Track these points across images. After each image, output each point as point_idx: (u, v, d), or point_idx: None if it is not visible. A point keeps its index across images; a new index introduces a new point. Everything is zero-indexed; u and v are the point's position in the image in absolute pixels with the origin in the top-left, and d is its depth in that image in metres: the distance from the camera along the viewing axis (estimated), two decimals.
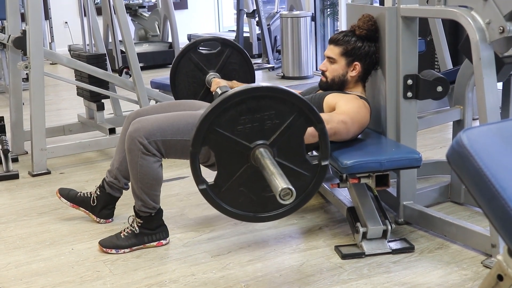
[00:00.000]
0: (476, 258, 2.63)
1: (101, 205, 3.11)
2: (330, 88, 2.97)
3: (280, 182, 1.96)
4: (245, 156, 2.19)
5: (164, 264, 2.71)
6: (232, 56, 3.44)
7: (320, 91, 3.04)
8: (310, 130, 2.26)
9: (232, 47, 3.47)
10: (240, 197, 2.26)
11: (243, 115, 2.14)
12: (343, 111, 2.74)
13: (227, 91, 2.98)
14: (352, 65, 2.92)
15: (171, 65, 3.55)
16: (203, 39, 3.51)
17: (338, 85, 2.95)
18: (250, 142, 2.17)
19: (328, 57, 2.96)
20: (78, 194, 3.15)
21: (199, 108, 3.03)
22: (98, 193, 3.11)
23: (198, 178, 2.21)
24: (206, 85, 3.40)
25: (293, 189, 1.94)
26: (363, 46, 2.91)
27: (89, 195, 3.13)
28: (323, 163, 2.24)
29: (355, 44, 2.91)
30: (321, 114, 2.67)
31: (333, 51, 2.95)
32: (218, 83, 3.24)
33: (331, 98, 2.85)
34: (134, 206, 2.83)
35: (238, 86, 3.21)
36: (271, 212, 2.30)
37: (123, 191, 3.10)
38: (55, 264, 2.76)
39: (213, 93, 3.21)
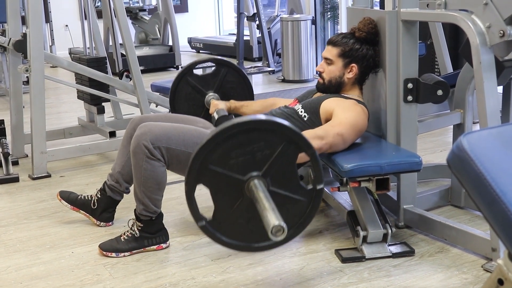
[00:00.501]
0: (477, 262, 2.62)
1: (101, 208, 3.11)
2: (327, 90, 2.97)
3: (271, 219, 1.96)
4: (240, 189, 2.19)
5: (164, 268, 2.71)
6: (228, 75, 3.46)
7: (317, 94, 3.04)
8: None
9: (227, 66, 3.49)
10: (239, 228, 2.26)
11: (233, 149, 2.15)
12: (340, 121, 2.73)
13: (224, 114, 3.01)
14: (349, 66, 2.92)
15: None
16: (197, 61, 3.52)
17: (335, 87, 2.95)
18: (243, 175, 2.17)
19: (326, 58, 2.96)
20: (79, 197, 3.15)
21: (203, 125, 3.03)
22: (99, 196, 3.11)
23: (197, 216, 2.21)
24: (206, 106, 3.41)
25: (284, 225, 1.94)
26: (361, 48, 2.91)
27: (89, 198, 3.13)
28: (318, 187, 2.24)
29: (353, 45, 2.91)
30: (316, 130, 2.71)
31: (330, 52, 2.95)
32: (215, 105, 3.23)
33: (328, 104, 2.84)
34: (135, 210, 2.83)
35: (233, 111, 3.25)
36: (271, 241, 2.28)
37: (124, 194, 3.10)
38: (55, 268, 2.76)
39: (211, 115, 3.21)
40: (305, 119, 2.85)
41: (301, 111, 2.89)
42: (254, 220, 2.16)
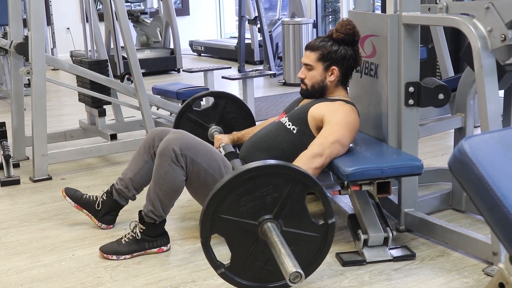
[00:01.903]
0: (478, 266, 2.62)
1: (105, 210, 3.11)
2: (311, 95, 2.97)
3: (289, 266, 2.01)
4: (254, 233, 2.25)
5: (165, 271, 2.71)
6: (227, 105, 3.50)
7: (303, 102, 3.04)
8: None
9: (225, 97, 3.53)
10: (258, 270, 2.31)
11: (242, 197, 2.20)
12: (332, 129, 2.74)
13: (230, 150, 3.06)
14: (329, 69, 2.92)
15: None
16: (196, 97, 3.55)
17: (319, 92, 2.95)
18: (255, 219, 2.23)
19: (306, 64, 2.96)
20: (84, 196, 3.15)
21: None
22: (105, 198, 3.11)
23: (215, 264, 2.28)
24: (210, 139, 3.43)
25: (301, 272, 1.98)
26: (339, 49, 2.91)
27: (94, 199, 3.14)
28: (330, 222, 2.30)
29: (331, 48, 2.91)
30: (313, 148, 2.74)
31: (309, 57, 2.95)
32: (219, 140, 3.25)
33: (315, 110, 2.85)
34: (140, 211, 2.83)
35: (237, 142, 3.29)
36: None
37: (130, 201, 3.11)
38: (56, 270, 2.76)
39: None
40: (294, 131, 2.86)
41: (289, 124, 2.90)
42: (272, 260, 2.20)
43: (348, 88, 3.05)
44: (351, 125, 2.78)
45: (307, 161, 2.68)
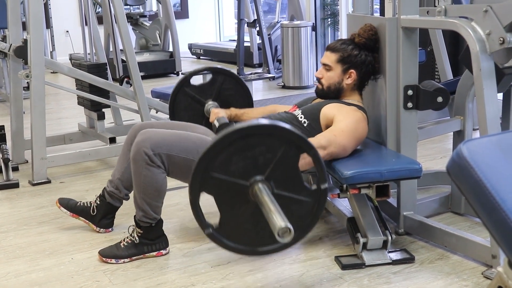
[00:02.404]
0: (477, 269, 2.62)
1: (101, 215, 3.11)
2: (326, 96, 2.97)
3: (278, 221, 1.97)
4: (245, 194, 2.20)
5: (164, 274, 2.71)
6: (225, 82, 3.46)
7: (316, 100, 3.04)
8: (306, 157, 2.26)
9: (223, 73, 3.48)
10: (246, 233, 2.27)
11: (234, 155, 2.15)
12: (342, 129, 2.73)
13: (225, 122, 3.01)
14: (347, 72, 2.92)
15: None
16: (193, 71, 3.52)
17: (334, 93, 2.95)
18: (247, 180, 2.18)
19: (324, 64, 2.97)
20: (78, 204, 3.15)
21: (204, 132, 3.03)
22: (98, 202, 3.10)
23: (203, 224, 2.22)
24: (206, 115, 3.41)
25: (291, 227, 1.95)
26: (360, 54, 2.91)
27: (88, 205, 3.13)
28: (323, 187, 2.25)
29: (351, 51, 2.91)
30: (320, 139, 2.70)
31: (329, 58, 2.95)
32: (216, 114, 3.21)
33: (328, 110, 2.84)
34: (134, 216, 2.83)
35: (233, 119, 3.25)
36: (278, 244, 2.26)
37: (124, 201, 3.10)
38: (55, 274, 2.76)
39: (212, 124, 3.21)
40: (305, 125, 2.86)
41: (301, 117, 2.89)
42: (261, 224, 2.16)
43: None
44: (359, 132, 2.78)
45: None
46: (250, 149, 2.15)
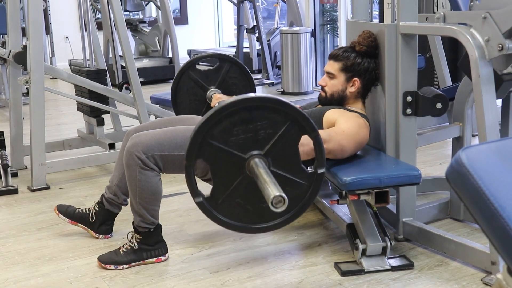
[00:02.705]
0: (476, 275, 2.62)
1: (99, 221, 3.11)
2: (329, 104, 2.97)
3: (272, 190, 1.95)
4: (240, 167, 2.18)
5: (163, 281, 2.70)
6: (231, 70, 3.44)
7: (319, 106, 3.05)
8: (305, 140, 2.25)
9: (230, 61, 3.47)
10: (237, 208, 2.24)
11: (236, 126, 2.13)
12: (343, 130, 2.74)
13: None
14: (351, 80, 2.93)
15: (171, 80, 3.55)
16: (201, 56, 3.51)
17: (338, 101, 2.96)
18: (245, 153, 2.16)
19: (328, 73, 2.97)
20: (77, 211, 3.15)
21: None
22: (97, 209, 3.10)
23: (194, 191, 2.20)
24: (207, 102, 3.40)
25: (285, 196, 1.93)
26: (363, 62, 2.92)
27: (87, 211, 3.13)
28: (319, 171, 2.22)
29: (354, 60, 2.92)
30: (321, 132, 2.68)
31: (332, 66, 2.96)
32: (218, 98, 3.23)
33: (331, 114, 2.85)
34: (133, 222, 2.83)
35: None
36: (269, 223, 2.27)
37: (122, 207, 3.10)
38: (54, 280, 2.75)
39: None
40: None
41: None
42: (253, 200, 2.15)
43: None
44: (360, 137, 2.78)
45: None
46: (253, 121, 2.13)
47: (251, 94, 2.15)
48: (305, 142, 2.38)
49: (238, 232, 2.46)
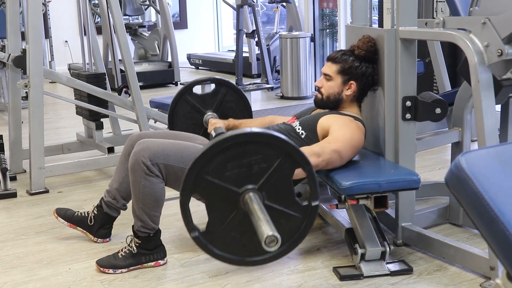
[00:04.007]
0: (475, 280, 2.62)
1: (98, 225, 3.11)
2: (325, 106, 2.97)
3: (265, 229, 1.96)
4: (235, 202, 2.18)
5: (161, 285, 2.70)
6: (227, 94, 3.45)
7: (316, 111, 3.05)
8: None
9: (227, 86, 3.48)
10: (232, 242, 2.25)
11: (230, 161, 2.14)
12: (336, 138, 2.74)
13: (221, 132, 3.00)
14: (347, 84, 2.93)
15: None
16: (197, 80, 3.51)
17: (333, 103, 2.95)
18: (239, 187, 2.17)
19: (325, 74, 2.97)
20: (75, 214, 3.14)
21: (201, 142, 3.04)
22: (96, 212, 3.10)
23: (190, 226, 2.20)
24: (204, 126, 3.40)
25: (278, 236, 1.94)
26: (360, 66, 2.92)
27: (86, 215, 3.13)
28: (313, 204, 2.23)
29: (352, 63, 2.92)
30: (313, 147, 2.71)
31: (330, 68, 2.96)
32: (214, 124, 3.20)
33: (324, 121, 2.85)
34: (133, 226, 2.83)
35: (231, 130, 3.23)
36: (265, 255, 2.26)
37: (121, 211, 3.10)
38: (52, 284, 2.75)
39: (209, 134, 3.21)
40: (303, 136, 2.86)
41: (299, 128, 2.90)
42: (248, 234, 2.15)
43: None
44: (355, 141, 2.78)
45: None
46: (246, 156, 2.14)
47: (245, 130, 2.15)
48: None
49: (234, 265, 2.47)
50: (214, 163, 2.13)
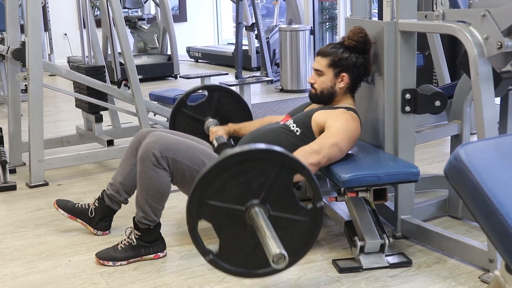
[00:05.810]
0: (474, 273, 2.62)
1: (98, 217, 3.11)
2: (320, 100, 2.97)
3: (273, 248, 1.98)
4: (241, 219, 2.20)
5: (161, 277, 2.71)
6: (222, 98, 3.44)
7: (309, 107, 3.05)
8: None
9: (219, 90, 3.47)
10: (247, 256, 2.27)
11: (228, 182, 2.15)
12: (332, 132, 2.75)
13: (223, 142, 3.01)
14: (339, 76, 2.92)
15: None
16: (188, 92, 3.48)
17: (328, 97, 2.95)
18: (242, 204, 2.18)
19: (316, 70, 2.96)
20: (76, 206, 3.15)
21: (209, 147, 3.03)
22: (97, 205, 3.10)
23: (203, 250, 2.22)
24: (207, 133, 3.40)
25: (285, 253, 1.95)
26: (350, 57, 2.91)
27: (87, 207, 3.13)
28: (318, 205, 2.24)
29: (342, 55, 2.91)
30: (311, 145, 2.73)
31: (320, 63, 2.95)
32: (214, 132, 3.19)
33: (318, 117, 2.85)
34: (133, 217, 2.83)
35: (233, 135, 3.26)
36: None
37: (122, 205, 3.10)
38: (52, 276, 2.75)
39: (211, 143, 3.20)
40: (298, 133, 2.86)
41: (293, 126, 2.90)
42: (260, 246, 2.16)
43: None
44: (351, 131, 2.78)
45: (304, 155, 2.66)
46: (243, 174, 2.16)
47: (235, 150, 2.15)
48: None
49: (253, 278, 2.48)
50: (213, 187, 2.15)
